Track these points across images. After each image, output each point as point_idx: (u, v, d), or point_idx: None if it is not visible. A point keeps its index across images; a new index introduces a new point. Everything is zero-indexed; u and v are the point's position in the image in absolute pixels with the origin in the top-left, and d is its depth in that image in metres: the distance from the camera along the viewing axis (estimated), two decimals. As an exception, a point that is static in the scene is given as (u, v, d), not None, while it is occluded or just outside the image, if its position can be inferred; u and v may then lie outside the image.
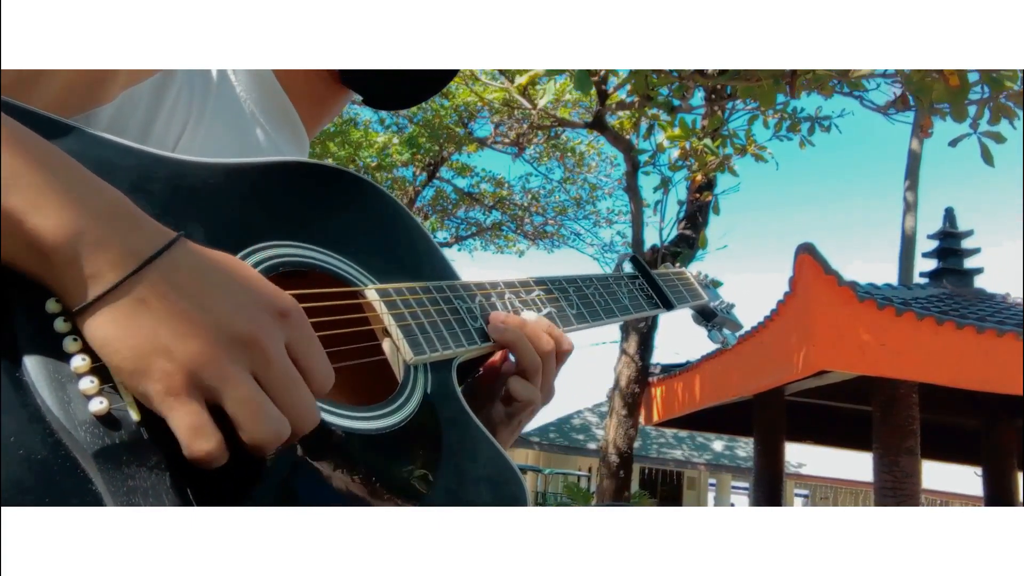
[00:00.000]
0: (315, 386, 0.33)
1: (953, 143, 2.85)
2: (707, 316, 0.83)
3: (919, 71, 2.60)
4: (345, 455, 0.36)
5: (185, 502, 0.29)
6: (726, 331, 0.86)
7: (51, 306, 0.30)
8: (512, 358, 0.52)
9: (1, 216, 0.28)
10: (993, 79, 2.54)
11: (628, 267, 0.72)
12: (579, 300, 0.60)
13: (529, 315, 0.52)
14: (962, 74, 2.48)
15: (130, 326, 0.29)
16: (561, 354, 0.53)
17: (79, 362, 0.29)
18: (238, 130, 0.50)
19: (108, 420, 0.29)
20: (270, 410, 0.30)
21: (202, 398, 0.29)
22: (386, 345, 0.44)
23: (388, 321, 0.44)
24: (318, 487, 0.35)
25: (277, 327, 0.32)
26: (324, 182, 0.45)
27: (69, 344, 0.29)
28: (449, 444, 0.41)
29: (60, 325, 0.29)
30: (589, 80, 2.89)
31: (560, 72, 2.96)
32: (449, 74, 0.57)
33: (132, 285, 0.29)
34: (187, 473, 0.30)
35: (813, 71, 2.72)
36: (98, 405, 0.28)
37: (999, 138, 2.74)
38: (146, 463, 0.29)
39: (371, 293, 0.44)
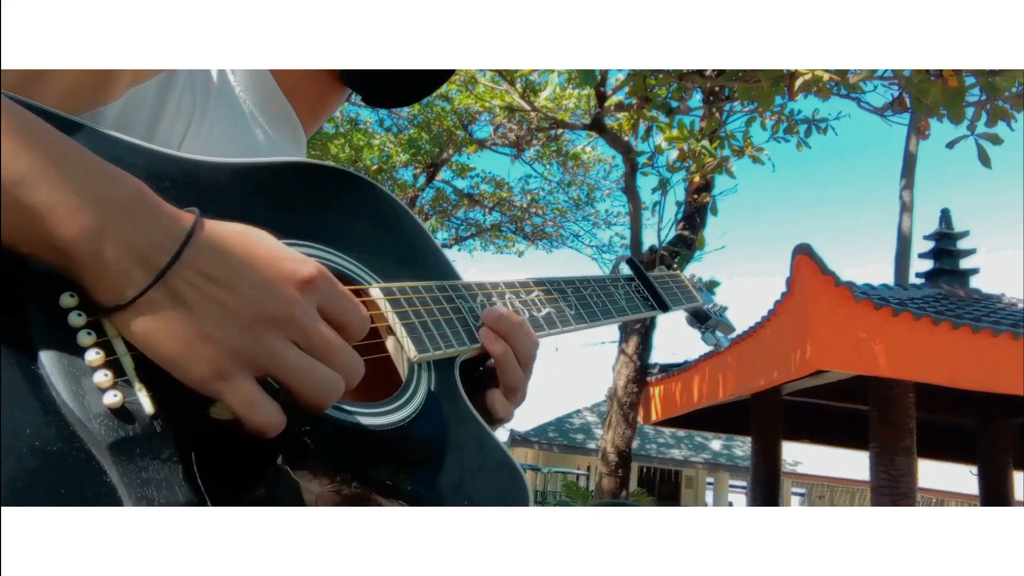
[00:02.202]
0: (353, 334, 0.35)
1: (950, 145, 2.87)
2: (701, 318, 0.84)
3: (917, 73, 2.61)
4: (351, 451, 0.37)
5: (197, 494, 0.29)
6: (719, 333, 0.87)
7: (65, 300, 0.30)
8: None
9: (23, 210, 0.28)
10: (989, 83, 2.55)
11: (625, 269, 0.73)
12: (577, 301, 0.61)
13: (521, 328, 0.49)
14: (961, 76, 2.50)
15: (169, 319, 0.29)
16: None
17: (93, 355, 0.29)
18: (239, 130, 0.50)
19: (122, 413, 0.29)
20: (321, 370, 0.32)
21: (251, 375, 0.31)
22: (390, 343, 0.45)
23: (392, 319, 0.44)
24: (324, 483, 0.35)
25: (305, 297, 0.33)
26: (328, 182, 0.45)
27: (83, 338, 0.30)
28: (452, 441, 0.42)
29: (75, 319, 0.30)
30: (593, 74, 2.90)
31: (562, 73, 2.97)
32: (449, 71, 0.57)
33: (164, 280, 0.30)
34: (199, 465, 0.30)
35: (812, 72, 2.73)
36: (112, 398, 0.29)
37: (996, 139, 2.76)
38: (160, 455, 0.29)
39: (375, 292, 0.44)
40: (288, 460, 0.33)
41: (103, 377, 0.29)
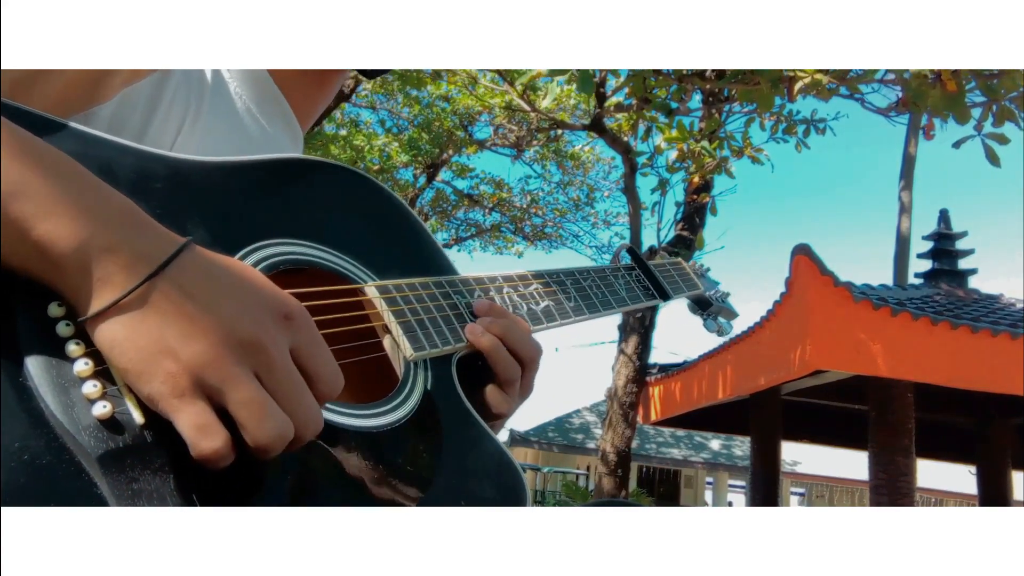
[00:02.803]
0: (322, 389, 0.33)
1: (957, 145, 2.86)
2: (703, 305, 0.83)
3: (917, 76, 2.61)
4: (347, 454, 0.37)
5: (189, 504, 0.29)
6: (722, 320, 0.85)
7: (54, 310, 0.30)
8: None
9: (11, 222, 0.28)
10: (989, 86, 2.55)
11: (625, 258, 0.72)
12: (577, 293, 0.60)
13: (509, 319, 0.48)
14: (959, 79, 2.50)
15: (137, 328, 0.29)
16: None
17: (82, 366, 0.29)
18: (234, 127, 0.50)
19: (111, 424, 0.29)
20: (273, 411, 0.30)
21: (207, 398, 0.29)
22: (386, 342, 0.45)
23: (388, 318, 0.44)
24: (320, 487, 0.35)
25: (281, 330, 0.32)
26: (322, 178, 0.45)
27: (72, 348, 0.29)
28: (449, 440, 0.42)
29: (63, 329, 0.29)
30: (591, 81, 2.89)
31: (562, 73, 2.96)
32: None
33: (143, 290, 0.29)
34: (190, 475, 0.30)
35: (812, 76, 2.73)
36: (101, 409, 0.28)
37: (1003, 139, 2.75)
38: (150, 466, 0.29)
39: (371, 290, 0.44)
40: (282, 465, 0.33)
41: (92, 387, 0.29)
